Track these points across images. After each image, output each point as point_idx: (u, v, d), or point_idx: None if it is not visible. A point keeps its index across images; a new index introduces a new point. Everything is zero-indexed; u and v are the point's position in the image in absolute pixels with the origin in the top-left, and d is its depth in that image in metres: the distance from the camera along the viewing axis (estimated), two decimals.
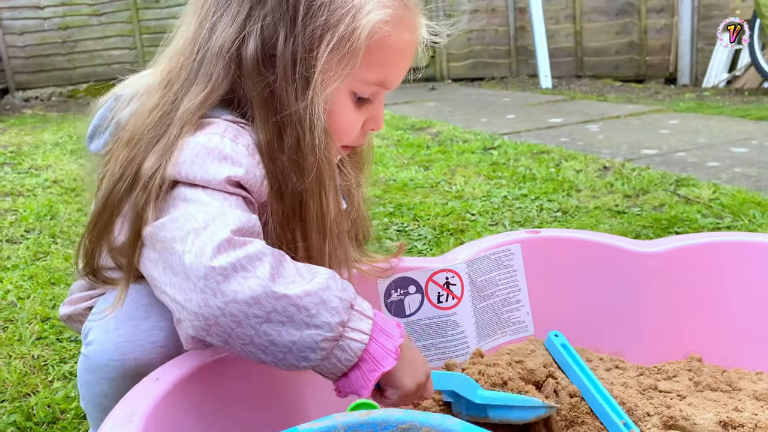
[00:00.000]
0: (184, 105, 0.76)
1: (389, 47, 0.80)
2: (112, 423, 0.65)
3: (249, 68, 0.77)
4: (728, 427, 0.93)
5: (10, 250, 2.09)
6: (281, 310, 0.67)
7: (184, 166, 0.73)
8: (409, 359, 0.76)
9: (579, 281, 1.10)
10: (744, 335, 1.06)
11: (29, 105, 6.47)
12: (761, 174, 2.59)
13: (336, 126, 0.82)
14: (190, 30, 0.81)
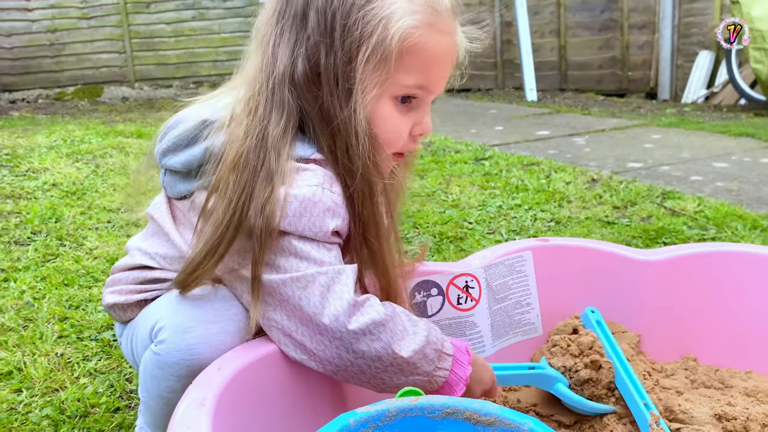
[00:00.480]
0: (271, 133, 0.84)
1: (423, 51, 0.86)
2: (186, 406, 0.72)
3: (302, 88, 0.85)
4: (722, 420, 1.03)
5: (19, 252, 2.12)
6: (396, 365, 0.83)
7: (294, 219, 0.81)
8: (477, 377, 0.91)
9: (584, 286, 1.19)
10: (735, 338, 1.16)
11: (16, 107, 6.44)
12: (742, 188, 2.73)
13: (383, 131, 0.89)
14: (255, 62, 0.88)
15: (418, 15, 0.85)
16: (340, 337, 0.80)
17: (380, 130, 0.89)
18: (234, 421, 0.76)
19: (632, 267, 1.17)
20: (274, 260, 0.82)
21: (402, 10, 0.84)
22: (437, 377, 0.86)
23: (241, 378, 0.79)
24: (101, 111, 6.09)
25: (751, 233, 2.13)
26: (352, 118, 0.85)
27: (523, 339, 1.20)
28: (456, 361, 0.88)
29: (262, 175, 0.82)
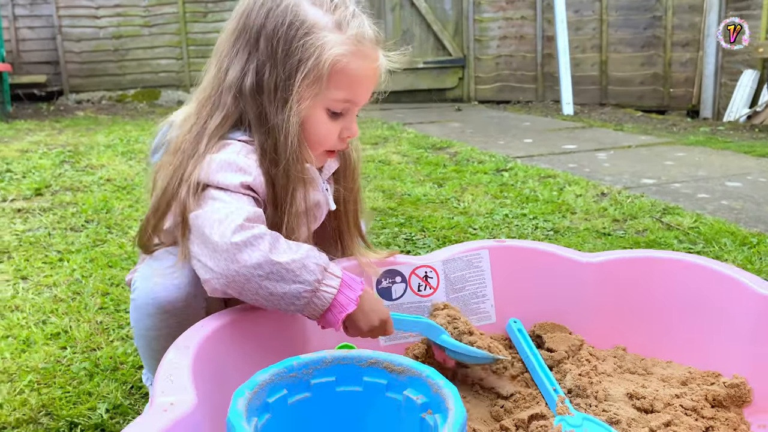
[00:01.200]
0: (209, 126, 1.10)
1: (348, 73, 1.10)
2: (174, 351, 0.95)
3: (247, 96, 1.10)
4: (633, 398, 1.20)
5: (74, 237, 2.43)
6: (276, 272, 0.98)
7: (212, 174, 1.05)
8: (367, 308, 1.05)
9: (533, 281, 1.38)
10: (660, 332, 1.33)
11: (81, 107, 6.95)
12: (745, 207, 2.82)
13: (315, 133, 1.13)
14: (212, 73, 1.14)
15: (345, 45, 1.09)
16: (226, 249, 0.97)
17: (313, 132, 1.13)
18: (211, 362, 0.99)
19: (574, 267, 1.36)
20: (197, 206, 1.04)
21: (333, 42, 1.08)
22: (324, 292, 1.00)
23: (219, 333, 1.02)
24: (158, 113, 6.51)
25: (737, 249, 2.26)
26: (285, 122, 1.08)
27: (478, 325, 1.40)
28: (345, 284, 1.02)
29: (196, 154, 1.07)
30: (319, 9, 1.09)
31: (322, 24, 1.08)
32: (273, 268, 0.98)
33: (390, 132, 4.98)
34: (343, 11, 1.10)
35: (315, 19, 1.08)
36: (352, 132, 1.17)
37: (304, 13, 1.08)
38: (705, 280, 1.28)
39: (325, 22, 1.09)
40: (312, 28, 1.08)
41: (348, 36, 1.09)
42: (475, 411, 1.22)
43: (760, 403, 1.19)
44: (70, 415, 1.32)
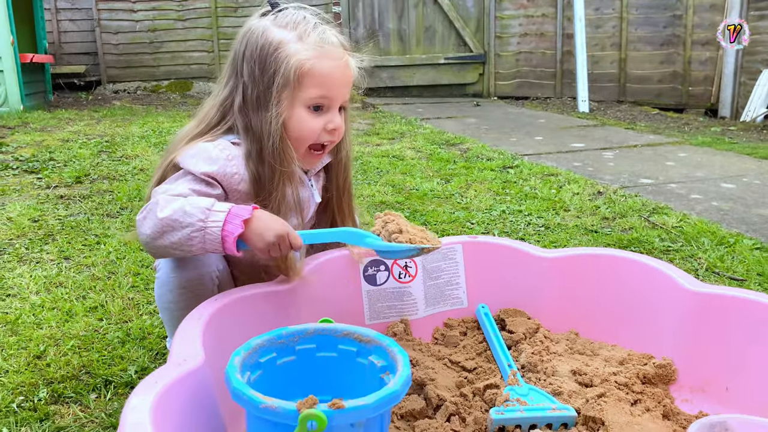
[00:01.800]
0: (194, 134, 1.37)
1: (316, 74, 1.32)
2: (189, 319, 1.19)
3: (236, 112, 1.35)
4: (576, 374, 1.41)
5: (110, 222, 2.71)
6: (165, 225, 1.18)
7: (186, 157, 1.31)
8: (258, 227, 1.19)
9: (499, 272, 1.60)
10: (609, 319, 1.54)
11: (118, 97, 7.30)
12: (733, 208, 2.98)
13: (299, 130, 1.35)
14: (214, 93, 1.41)
15: (308, 52, 1.32)
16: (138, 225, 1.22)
17: (297, 129, 1.35)
18: (218, 330, 1.24)
19: (534, 261, 1.57)
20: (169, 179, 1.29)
21: (296, 50, 1.31)
22: (211, 228, 1.16)
23: (226, 307, 1.26)
24: (189, 104, 6.82)
25: (713, 248, 2.43)
26: (267, 125, 1.31)
27: (451, 309, 1.62)
28: (232, 214, 1.17)
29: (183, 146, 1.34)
30: (284, 29, 1.33)
31: (287, 39, 1.32)
32: (162, 224, 1.18)
33: (407, 127, 5.18)
34: (304, 26, 1.34)
35: (281, 37, 1.32)
36: (335, 124, 1.38)
37: (272, 36, 1.32)
38: (644, 275, 1.48)
39: (290, 37, 1.32)
40: (279, 44, 1.31)
41: (309, 43, 1.32)
42: (442, 380, 1.44)
43: (683, 381, 1.40)
44: (106, 374, 1.58)
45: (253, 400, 0.93)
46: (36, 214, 2.77)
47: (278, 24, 1.35)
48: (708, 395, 1.37)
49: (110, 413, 1.43)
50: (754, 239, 2.53)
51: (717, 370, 1.36)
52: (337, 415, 0.91)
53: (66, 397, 1.49)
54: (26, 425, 1.38)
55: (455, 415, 1.32)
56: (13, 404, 1.44)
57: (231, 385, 0.97)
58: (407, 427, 1.28)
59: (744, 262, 2.29)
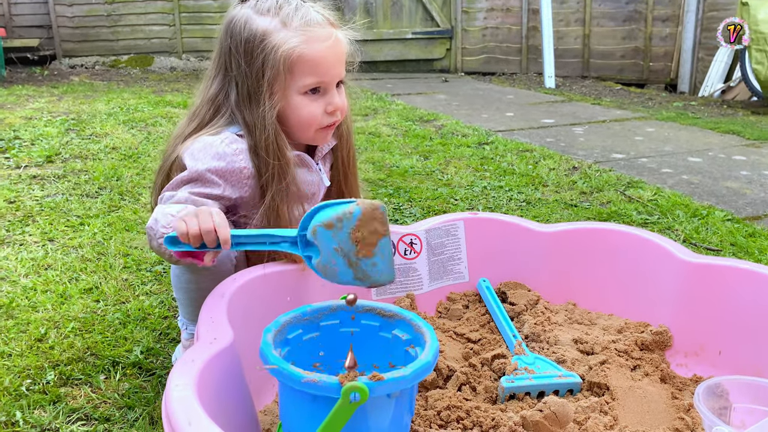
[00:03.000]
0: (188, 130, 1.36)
1: (306, 59, 1.28)
2: (212, 298, 1.21)
3: (233, 105, 1.34)
4: (577, 343, 1.48)
5: (90, 203, 2.66)
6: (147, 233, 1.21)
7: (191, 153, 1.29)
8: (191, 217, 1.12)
9: (500, 247, 1.65)
10: (605, 290, 1.61)
11: (75, 72, 7.05)
12: (702, 182, 3.10)
13: (298, 117, 1.33)
14: (202, 85, 1.39)
15: (294, 39, 1.28)
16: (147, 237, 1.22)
17: (296, 117, 1.33)
18: (244, 306, 1.25)
19: (533, 236, 1.62)
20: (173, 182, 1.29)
21: (283, 38, 1.28)
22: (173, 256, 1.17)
23: (247, 285, 1.28)
24: (151, 80, 6.65)
25: (688, 220, 2.54)
26: (260, 118, 1.30)
27: (454, 283, 1.67)
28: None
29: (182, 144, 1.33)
30: (266, 17, 1.30)
31: (271, 28, 1.29)
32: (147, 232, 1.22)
33: (379, 103, 5.18)
34: (286, 9, 1.30)
35: (264, 27, 1.29)
36: (335, 105, 1.35)
37: (255, 26, 1.29)
38: (639, 247, 1.55)
39: (273, 25, 1.29)
40: (263, 35, 1.28)
41: (293, 28, 1.28)
42: (449, 352, 1.49)
43: (678, 347, 1.48)
44: (112, 355, 1.58)
45: (294, 375, 0.95)
46: (11, 195, 2.70)
47: (259, 11, 1.31)
48: (701, 359, 1.46)
49: (122, 393, 1.44)
50: (725, 211, 2.65)
51: (709, 335, 1.45)
52: (378, 386, 0.95)
53: (75, 379, 1.49)
54: (39, 407, 1.38)
55: (466, 385, 1.38)
56: (21, 387, 1.44)
57: (269, 361, 0.99)
58: (420, 398, 1.33)
59: (717, 233, 2.41)
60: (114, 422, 1.35)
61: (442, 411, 1.28)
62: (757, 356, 1.36)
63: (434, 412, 1.27)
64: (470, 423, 1.26)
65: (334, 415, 0.94)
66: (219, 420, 0.99)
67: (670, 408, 1.32)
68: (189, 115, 1.41)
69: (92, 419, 1.36)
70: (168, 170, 1.36)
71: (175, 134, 1.41)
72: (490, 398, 1.35)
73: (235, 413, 1.10)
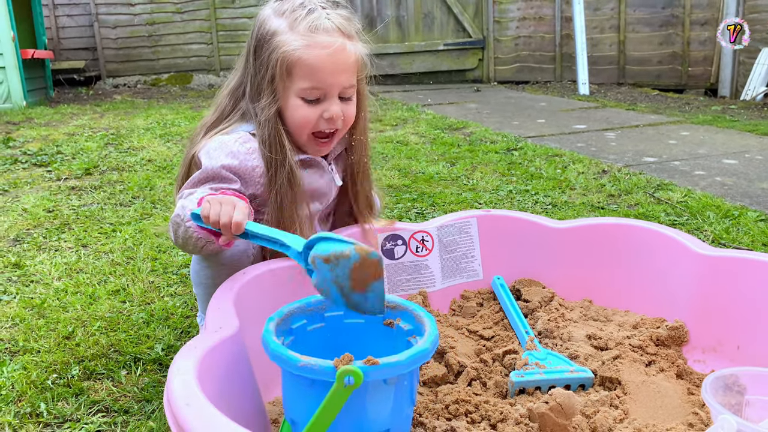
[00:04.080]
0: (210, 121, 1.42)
1: (305, 63, 1.31)
2: (222, 289, 1.24)
3: (246, 100, 1.38)
4: (591, 339, 1.46)
5: (123, 211, 2.75)
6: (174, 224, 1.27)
7: (206, 152, 1.34)
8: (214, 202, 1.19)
9: (514, 244, 1.64)
10: (621, 286, 1.58)
11: (118, 91, 7.32)
12: (736, 183, 3.02)
13: (294, 118, 1.36)
14: (226, 83, 1.45)
15: (297, 42, 1.31)
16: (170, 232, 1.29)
17: (292, 117, 1.36)
18: (252, 299, 1.28)
19: (546, 232, 1.61)
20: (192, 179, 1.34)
21: (285, 40, 1.31)
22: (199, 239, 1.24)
23: (256, 279, 1.31)
24: (190, 96, 6.84)
25: (718, 221, 2.47)
26: (262, 115, 1.34)
27: (468, 281, 1.67)
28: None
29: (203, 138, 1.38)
30: (280, 17, 1.34)
31: (280, 30, 1.33)
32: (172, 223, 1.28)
33: (409, 113, 5.22)
34: (299, 12, 1.33)
35: (275, 27, 1.33)
36: (331, 112, 1.36)
37: (269, 25, 1.34)
38: (656, 242, 1.53)
39: (282, 27, 1.33)
40: (272, 35, 1.33)
41: (298, 32, 1.31)
42: (461, 348, 1.49)
43: (695, 342, 1.45)
44: (134, 351, 1.63)
45: (292, 360, 0.97)
46: (50, 205, 2.82)
47: (277, 12, 1.35)
48: (719, 354, 1.42)
49: (142, 387, 1.48)
50: (758, 211, 2.57)
51: (728, 330, 1.41)
52: (372, 371, 0.96)
53: (98, 374, 1.54)
54: (62, 400, 1.43)
55: (476, 380, 1.37)
56: (48, 381, 1.49)
57: (269, 347, 1.02)
58: (430, 393, 1.33)
59: (749, 233, 2.34)
60: (132, 414, 1.39)
61: (451, 405, 1.28)
62: None
63: (442, 405, 1.28)
64: (478, 417, 1.26)
65: (330, 399, 0.96)
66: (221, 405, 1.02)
67: (686, 403, 1.29)
68: (214, 106, 1.48)
69: (112, 411, 1.40)
70: (189, 164, 1.42)
71: (201, 125, 1.47)
72: (500, 393, 1.35)
73: (240, 400, 1.12)
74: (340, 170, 1.55)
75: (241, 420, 1.10)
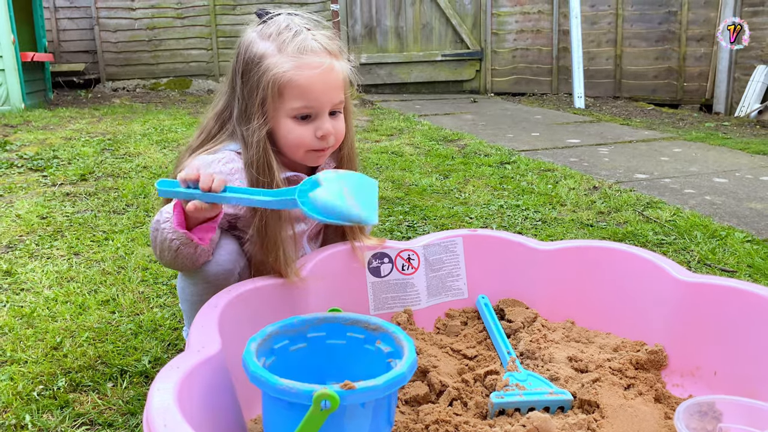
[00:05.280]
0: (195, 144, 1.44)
1: (295, 85, 1.34)
2: (206, 308, 1.26)
3: (234, 121, 1.40)
4: (572, 360, 1.48)
5: (116, 219, 2.77)
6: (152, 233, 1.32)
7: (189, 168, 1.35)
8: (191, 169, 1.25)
9: (499, 264, 1.66)
10: (602, 307, 1.61)
11: (117, 95, 7.34)
12: (725, 203, 3.05)
13: (287, 139, 1.39)
14: (212, 104, 1.47)
15: (286, 64, 1.33)
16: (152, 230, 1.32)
17: (285, 138, 1.39)
18: (236, 318, 1.30)
19: (531, 253, 1.63)
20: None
21: (275, 63, 1.33)
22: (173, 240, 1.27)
23: (240, 297, 1.33)
24: (188, 102, 6.87)
25: (705, 241, 2.50)
26: (250, 137, 1.36)
27: (453, 299, 1.69)
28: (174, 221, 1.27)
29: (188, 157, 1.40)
30: (266, 41, 1.36)
31: (268, 53, 1.34)
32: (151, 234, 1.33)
33: (405, 124, 5.25)
34: (285, 35, 1.35)
35: (262, 51, 1.35)
36: (324, 130, 1.39)
37: (255, 49, 1.35)
38: (638, 267, 1.55)
39: (270, 50, 1.34)
40: (260, 59, 1.34)
41: (287, 54, 1.34)
42: (444, 367, 1.51)
43: (674, 367, 1.47)
44: (121, 364, 1.65)
45: (271, 382, 0.99)
46: (44, 212, 2.83)
47: (262, 35, 1.37)
48: (697, 379, 1.44)
49: (127, 400, 1.50)
50: (745, 232, 2.60)
51: (706, 355, 1.43)
52: (349, 395, 0.98)
53: (84, 386, 1.55)
54: (48, 412, 1.45)
55: (457, 400, 1.39)
56: (33, 392, 1.51)
57: (249, 369, 1.04)
58: (412, 412, 1.35)
59: (735, 254, 2.36)
60: (116, 428, 1.40)
61: (431, 425, 1.29)
62: (754, 378, 1.34)
63: (422, 425, 1.29)
64: None
65: (307, 422, 0.97)
66: (203, 424, 1.03)
67: (662, 428, 1.30)
68: (199, 128, 1.49)
69: (96, 424, 1.42)
70: None
71: (186, 146, 1.50)
72: (481, 414, 1.36)
73: (222, 420, 1.14)
74: None
75: None
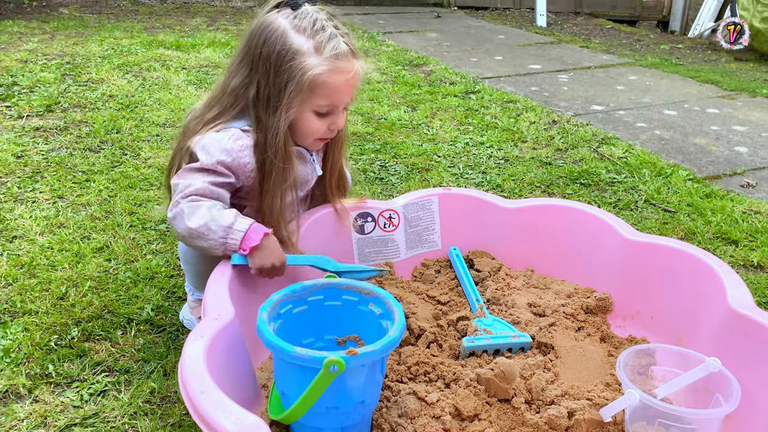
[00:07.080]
0: (208, 116, 1.49)
1: (327, 87, 1.44)
2: (215, 275, 1.41)
3: (250, 103, 1.47)
4: (532, 306, 1.71)
5: (93, 158, 2.81)
6: (194, 234, 1.38)
7: (200, 147, 1.44)
8: (261, 254, 1.39)
9: (470, 219, 1.85)
10: (559, 259, 1.83)
11: (64, 3, 6.97)
12: (672, 138, 3.28)
13: (305, 129, 1.50)
14: (221, 80, 1.52)
15: (323, 66, 1.42)
16: (170, 222, 1.41)
17: (304, 128, 1.50)
18: (239, 285, 1.46)
19: (498, 211, 1.82)
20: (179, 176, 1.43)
21: (313, 63, 1.41)
22: (230, 242, 1.37)
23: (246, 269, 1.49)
24: (142, 13, 6.60)
25: (653, 180, 2.73)
26: (275, 124, 1.45)
27: (428, 251, 1.88)
28: (246, 237, 1.38)
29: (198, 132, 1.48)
30: (301, 36, 1.41)
31: (304, 49, 1.41)
32: (192, 233, 1.39)
33: (370, 44, 5.24)
34: (321, 35, 1.42)
35: (298, 46, 1.41)
36: (338, 125, 1.53)
37: (290, 42, 1.40)
38: (590, 224, 1.76)
39: (306, 47, 1.41)
40: (295, 54, 1.40)
41: (325, 57, 1.41)
42: (421, 313, 1.72)
43: (617, 312, 1.71)
44: (126, 312, 1.80)
45: (285, 350, 1.17)
46: (18, 150, 2.85)
47: (297, 28, 1.41)
48: (637, 322, 1.69)
49: (138, 348, 1.67)
50: (687, 170, 2.84)
51: (645, 303, 1.68)
52: (353, 359, 1.17)
53: (96, 335, 1.71)
54: (68, 361, 1.61)
55: (434, 342, 1.61)
56: (51, 342, 1.66)
57: (264, 337, 1.21)
58: (395, 353, 1.56)
59: (677, 193, 2.61)
60: (133, 374, 1.58)
61: (412, 366, 1.51)
62: (681, 323, 1.60)
63: (405, 367, 1.51)
64: (435, 376, 1.50)
65: (317, 382, 1.17)
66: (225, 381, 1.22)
67: (605, 365, 1.56)
68: (207, 101, 1.53)
69: (114, 371, 1.59)
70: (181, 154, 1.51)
71: (194, 115, 1.54)
72: (453, 354, 1.59)
73: (238, 375, 1.33)
74: (320, 160, 1.69)
75: (239, 390, 1.31)
